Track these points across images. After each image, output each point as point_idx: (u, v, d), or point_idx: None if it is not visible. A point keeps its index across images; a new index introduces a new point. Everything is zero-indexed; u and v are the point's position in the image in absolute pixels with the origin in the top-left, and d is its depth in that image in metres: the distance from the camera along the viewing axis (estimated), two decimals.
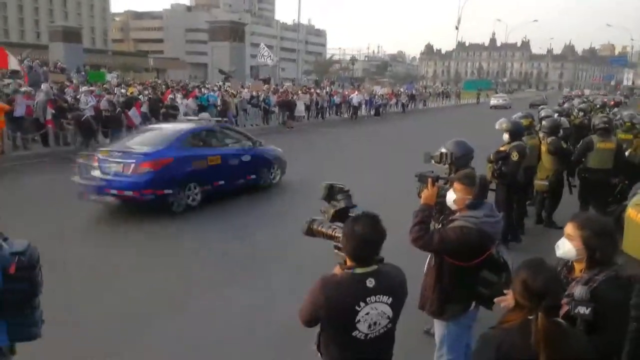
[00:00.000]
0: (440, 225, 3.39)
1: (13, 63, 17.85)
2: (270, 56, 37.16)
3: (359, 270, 2.20)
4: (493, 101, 45.68)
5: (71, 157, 13.01)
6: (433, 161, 4.19)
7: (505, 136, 6.76)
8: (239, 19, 69.20)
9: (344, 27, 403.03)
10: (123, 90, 20.35)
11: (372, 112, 31.38)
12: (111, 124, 15.29)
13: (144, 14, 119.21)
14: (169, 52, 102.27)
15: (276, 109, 23.86)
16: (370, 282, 2.18)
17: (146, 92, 19.69)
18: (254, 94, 24.48)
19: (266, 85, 30.30)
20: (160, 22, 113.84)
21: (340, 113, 29.82)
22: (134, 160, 8.03)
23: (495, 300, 2.44)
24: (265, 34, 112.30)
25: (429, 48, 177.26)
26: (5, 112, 13.13)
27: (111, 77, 31.59)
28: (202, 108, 19.63)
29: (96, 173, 8.19)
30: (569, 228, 2.52)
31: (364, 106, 30.86)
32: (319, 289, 2.21)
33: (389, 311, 2.23)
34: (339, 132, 22.57)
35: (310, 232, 2.63)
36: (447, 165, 4.12)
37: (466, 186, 3.11)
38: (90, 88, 18.17)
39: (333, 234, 2.50)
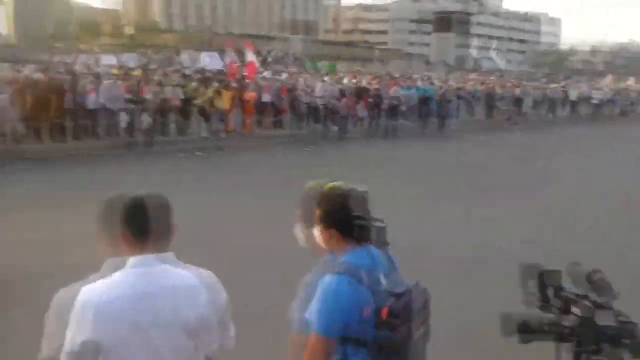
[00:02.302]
0: None
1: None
2: (497, 56, 35.14)
3: None
4: None
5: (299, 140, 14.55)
6: None
7: None
8: (465, 9, 67.02)
9: (583, 15, 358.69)
10: (354, 81, 21.45)
11: (618, 112, 27.25)
12: (339, 113, 16.35)
13: (373, 6, 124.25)
14: (393, 44, 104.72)
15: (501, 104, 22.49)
16: None
17: (374, 83, 20.41)
18: (479, 87, 23.48)
19: (491, 78, 28.78)
20: (387, 15, 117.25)
21: (576, 111, 26.69)
22: None
23: None
24: (491, 24, 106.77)
25: None
26: (255, 99, 15.15)
27: (340, 68, 33.67)
28: (423, 100, 19.60)
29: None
30: None
31: (607, 104, 27.06)
32: None
33: None
34: (576, 132, 20.23)
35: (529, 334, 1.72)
36: None
37: None
38: (323, 78, 19.65)
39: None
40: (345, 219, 1.92)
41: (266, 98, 15.82)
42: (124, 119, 12.88)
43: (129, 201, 1.69)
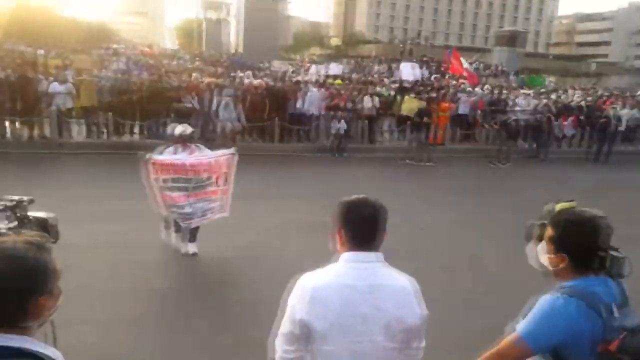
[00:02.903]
0: None
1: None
2: None
3: None
4: None
5: (491, 155, 13.78)
6: None
7: None
8: None
9: None
10: (563, 97, 19.61)
11: None
12: (537, 130, 15.11)
13: (594, 15, 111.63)
14: (613, 56, 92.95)
15: None
16: None
17: (588, 100, 18.35)
18: None
19: None
20: (610, 24, 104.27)
21: None
22: None
23: None
24: None
25: None
26: (449, 109, 14.82)
27: (548, 82, 31.04)
28: None
29: None
30: None
31: None
32: None
33: None
34: None
35: None
36: None
37: None
38: (527, 92, 18.33)
39: None
40: (579, 245, 1.81)
41: (462, 110, 15.37)
42: (322, 123, 13.81)
43: (348, 203, 1.88)
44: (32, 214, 1.68)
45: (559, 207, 1.87)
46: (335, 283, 1.82)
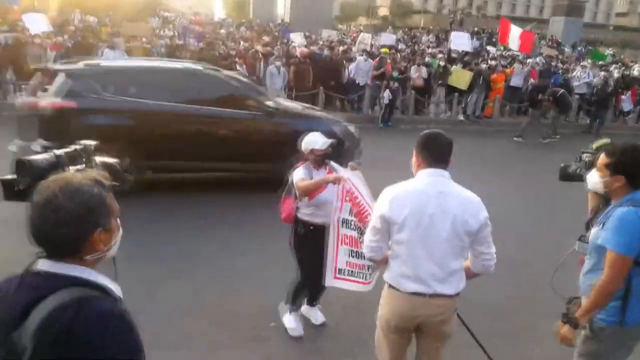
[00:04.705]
0: None
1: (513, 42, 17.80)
2: None
3: None
4: None
5: (548, 131, 13.27)
6: None
7: None
8: None
9: None
10: (623, 69, 18.61)
11: None
12: (597, 103, 14.41)
13: None
14: None
15: None
16: None
17: None
18: None
19: None
20: None
21: None
22: None
23: None
24: None
25: None
26: (503, 80, 14.36)
27: (607, 55, 29.39)
28: None
29: None
30: None
31: None
32: None
33: None
34: None
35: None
36: None
37: None
38: (583, 63, 17.48)
39: None
40: (635, 168, 2.30)
41: (515, 82, 14.79)
42: (368, 93, 13.66)
43: (426, 133, 2.55)
44: (98, 158, 1.81)
45: (596, 144, 2.46)
46: (411, 188, 2.45)
